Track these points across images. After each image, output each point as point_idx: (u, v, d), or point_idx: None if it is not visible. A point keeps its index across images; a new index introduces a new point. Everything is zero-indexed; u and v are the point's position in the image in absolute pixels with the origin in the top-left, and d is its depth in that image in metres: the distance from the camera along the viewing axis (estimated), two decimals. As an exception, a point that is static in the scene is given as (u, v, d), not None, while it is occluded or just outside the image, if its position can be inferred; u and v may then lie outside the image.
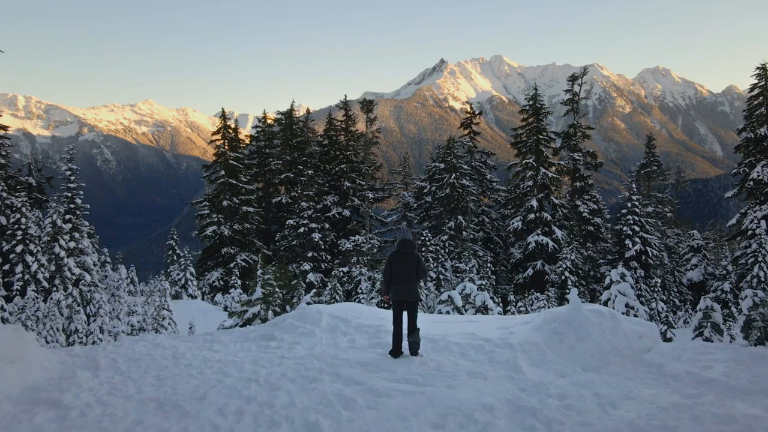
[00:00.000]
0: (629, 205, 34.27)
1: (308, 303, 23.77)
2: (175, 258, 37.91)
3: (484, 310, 14.13)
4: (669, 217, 44.58)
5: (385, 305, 11.14)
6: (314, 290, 31.83)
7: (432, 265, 33.36)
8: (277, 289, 13.49)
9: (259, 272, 13.91)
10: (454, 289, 16.61)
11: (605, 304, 13.84)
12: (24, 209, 23.68)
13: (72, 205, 25.50)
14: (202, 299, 32.84)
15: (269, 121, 48.12)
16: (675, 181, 51.92)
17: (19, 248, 22.90)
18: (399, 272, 8.04)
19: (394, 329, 7.90)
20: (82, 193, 25.97)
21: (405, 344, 8.14)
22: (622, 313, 11.40)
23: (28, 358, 6.08)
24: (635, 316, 12.81)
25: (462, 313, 13.40)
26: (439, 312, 14.08)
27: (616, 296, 13.73)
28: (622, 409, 5.18)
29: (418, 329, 7.78)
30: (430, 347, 8.07)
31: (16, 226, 23.32)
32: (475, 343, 7.92)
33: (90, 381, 6.24)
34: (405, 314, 8.11)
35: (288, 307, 18.98)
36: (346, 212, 42.33)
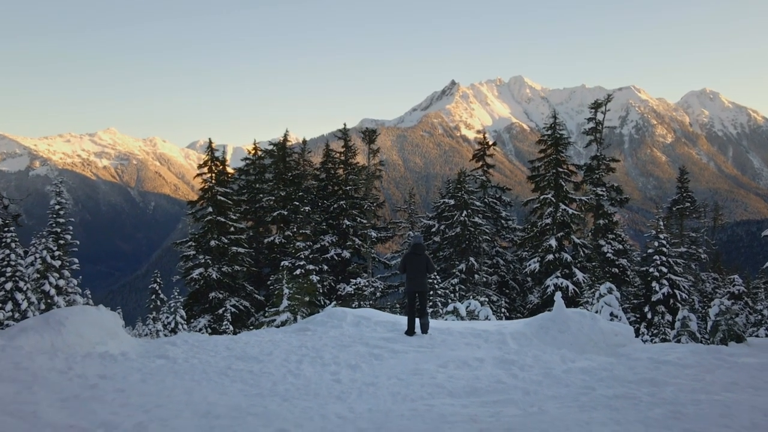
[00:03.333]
0: (656, 244, 36.56)
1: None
2: (158, 303, 40.37)
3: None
4: (703, 259, 46.96)
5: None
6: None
7: (441, 311, 35.92)
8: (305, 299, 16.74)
9: (284, 284, 17.13)
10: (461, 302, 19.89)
11: (594, 314, 17.33)
12: (13, 245, 26.83)
13: (61, 241, 28.63)
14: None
15: (259, 153, 50.02)
16: (712, 220, 54.44)
17: (8, 285, 25.98)
18: (412, 268, 12.12)
19: (408, 313, 11.83)
20: (71, 228, 29.10)
21: (417, 328, 11.87)
22: (609, 320, 14.58)
23: (121, 336, 9.41)
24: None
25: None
26: (445, 320, 17.36)
27: (602, 307, 17.12)
28: (578, 363, 8.36)
29: (428, 313, 11.20)
30: (437, 332, 11.81)
31: (5, 263, 26.44)
32: (474, 332, 11.55)
33: (176, 350, 9.73)
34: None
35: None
36: (346, 254, 44.25)
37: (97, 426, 6.00)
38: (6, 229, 30.15)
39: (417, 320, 12.13)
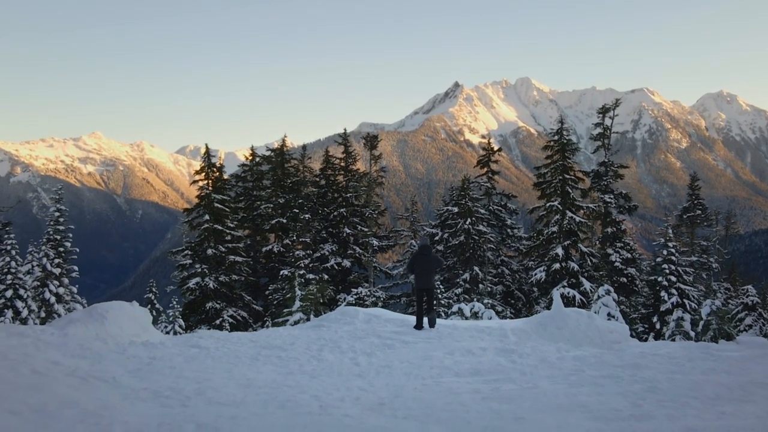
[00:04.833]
0: (665, 252, 37.65)
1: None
2: (154, 314, 41.66)
3: (490, 323, 19.13)
4: (715, 268, 48.14)
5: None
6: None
7: (444, 319, 37.12)
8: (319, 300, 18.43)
9: (296, 284, 18.81)
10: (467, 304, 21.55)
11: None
12: (13, 252, 28.24)
13: (61, 249, 30.04)
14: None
15: (256, 159, 51.00)
16: (724, 229, 55.63)
17: (8, 293, 27.37)
18: (420, 268, 14.02)
19: (417, 309, 13.75)
20: (71, 235, 30.50)
21: (425, 323, 13.77)
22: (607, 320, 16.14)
23: (151, 331, 10.91)
24: (615, 322, 17.75)
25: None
26: (450, 320, 19.09)
27: (600, 307, 18.71)
28: (572, 353, 9.88)
29: (435, 309, 12.62)
30: (443, 327, 13.69)
31: (6, 270, 27.84)
32: (478, 328, 13.33)
33: (205, 341, 11.31)
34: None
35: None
36: (347, 263, 45.21)
37: (165, 389, 7.65)
38: (6, 236, 31.58)
39: (425, 316, 14.00)
